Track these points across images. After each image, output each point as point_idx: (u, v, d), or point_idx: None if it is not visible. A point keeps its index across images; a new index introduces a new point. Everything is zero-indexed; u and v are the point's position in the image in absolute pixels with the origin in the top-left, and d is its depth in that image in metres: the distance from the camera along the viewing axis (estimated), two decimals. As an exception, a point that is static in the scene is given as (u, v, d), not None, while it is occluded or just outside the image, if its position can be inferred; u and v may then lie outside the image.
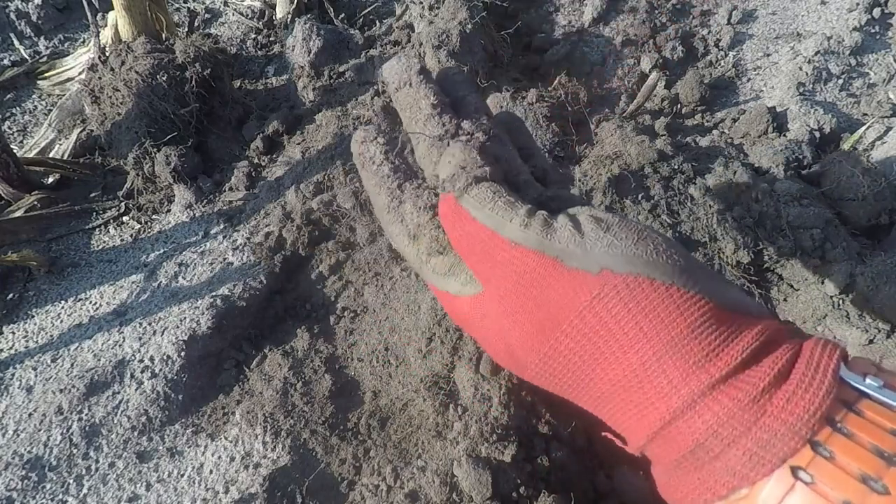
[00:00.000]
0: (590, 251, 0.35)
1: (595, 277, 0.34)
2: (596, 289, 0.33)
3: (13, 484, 0.96)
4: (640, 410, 0.33)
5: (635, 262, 0.34)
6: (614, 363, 0.33)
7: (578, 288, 0.34)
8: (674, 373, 0.31)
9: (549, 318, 0.35)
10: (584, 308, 0.34)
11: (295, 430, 0.97)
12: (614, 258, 0.34)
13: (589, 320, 0.33)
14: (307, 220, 1.24)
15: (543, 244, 0.36)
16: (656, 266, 0.33)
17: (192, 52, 1.43)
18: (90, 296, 1.24)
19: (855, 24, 1.66)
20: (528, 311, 0.36)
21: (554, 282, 0.35)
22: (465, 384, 0.91)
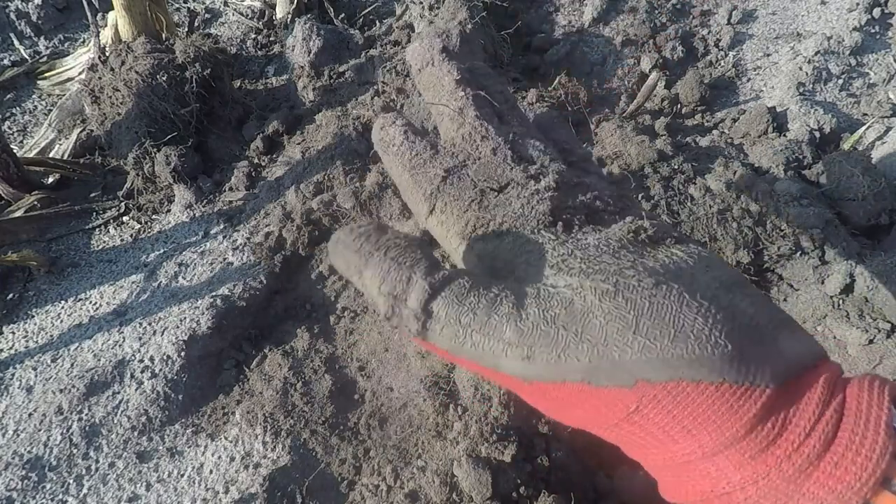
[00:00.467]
0: (619, 361, 0.29)
1: (630, 392, 0.29)
2: (633, 404, 0.29)
3: (13, 484, 0.96)
4: (678, 482, 0.31)
5: (675, 364, 0.29)
6: (655, 455, 0.31)
7: (611, 405, 0.30)
8: (725, 465, 0.29)
9: (582, 424, 0.33)
10: (621, 420, 0.30)
11: (295, 430, 0.97)
12: (650, 365, 0.29)
13: (626, 428, 0.30)
14: (307, 220, 1.24)
15: (561, 370, 0.30)
16: (701, 364, 0.29)
17: (192, 52, 1.43)
18: (90, 296, 1.24)
19: (855, 24, 1.66)
20: (559, 413, 0.33)
21: (583, 403, 0.31)
22: (465, 384, 0.91)
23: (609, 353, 0.29)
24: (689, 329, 0.29)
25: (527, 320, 0.31)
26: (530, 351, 0.30)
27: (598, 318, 0.30)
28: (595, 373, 0.30)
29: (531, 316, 0.31)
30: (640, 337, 0.29)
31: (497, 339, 0.31)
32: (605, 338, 0.30)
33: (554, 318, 0.30)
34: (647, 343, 0.29)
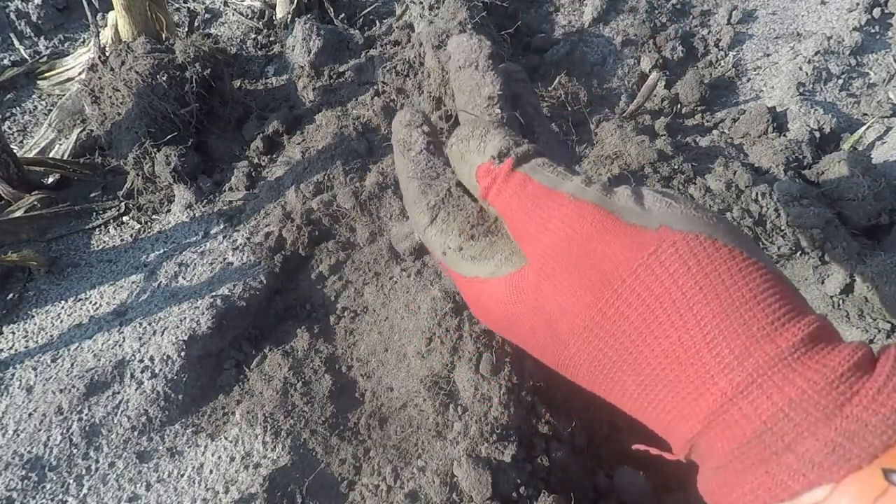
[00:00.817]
0: (648, 210, 0.34)
1: (653, 233, 0.32)
2: (653, 245, 0.31)
3: (13, 484, 0.96)
4: (695, 388, 0.29)
5: (696, 222, 0.32)
6: (669, 329, 0.30)
7: (635, 243, 0.32)
8: (737, 341, 0.28)
9: (601, 276, 0.33)
10: (640, 265, 0.31)
11: (295, 430, 0.97)
12: (674, 216, 0.33)
13: (644, 278, 0.31)
14: (307, 220, 1.24)
15: (603, 200, 0.35)
16: (717, 229, 0.32)
17: (192, 52, 1.43)
18: (90, 296, 1.24)
19: (855, 24, 1.66)
20: (577, 269, 0.34)
21: (610, 236, 0.33)
22: (465, 384, 0.91)
23: (642, 202, 0.35)
24: (708, 211, 0.34)
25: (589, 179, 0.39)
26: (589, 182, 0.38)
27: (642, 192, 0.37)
28: (627, 211, 0.34)
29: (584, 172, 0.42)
30: (668, 199, 0.35)
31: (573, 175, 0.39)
32: (643, 197, 0.36)
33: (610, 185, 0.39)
34: (674, 203, 0.34)
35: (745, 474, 0.27)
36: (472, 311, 0.45)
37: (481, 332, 0.94)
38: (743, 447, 0.27)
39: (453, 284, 1.03)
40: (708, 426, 0.29)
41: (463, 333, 0.94)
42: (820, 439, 0.25)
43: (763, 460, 0.27)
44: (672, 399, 0.31)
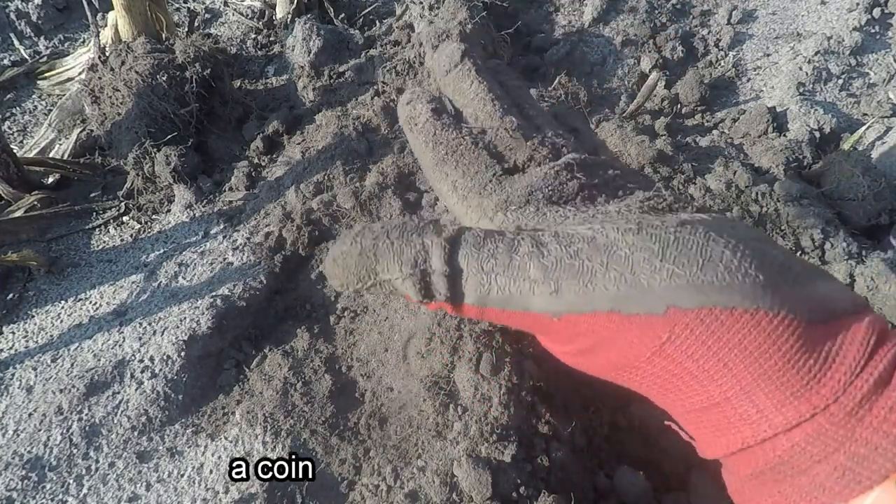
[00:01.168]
0: (649, 288, 0.28)
1: (661, 319, 0.28)
2: (665, 333, 0.28)
3: (13, 484, 0.96)
4: (717, 431, 0.29)
5: (706, 290, 0.28)
6: (691, 395, 0.29)
7: (643, 335, 0.29)
8: (765, 403, 0.27)
9: (612, 367, 0.31)
10: (653, 354, 0.29)
11: (295, 430, 0.97)
12: (680, 291, 0.28)
13: (659, 363, 0.29)
14: (307, 220, 1.24)
15: (589, 300, 0.29)
16: (733, 290, 0.28)
17: (192, 52, 1.43)
18: (90, 296, 1.24)
19: (855, 24, 1.66)
20: (588, 358, 0.32)
21: (613, 335, 0.30)
22: (465, 384, 0.91)
23: (637, 280, 0.29)
24: (717, 259, 0.28)
25: (549, 256, 0.30)
26: (557, 284, 0.30)
27: (622, 250, 0.29)
28: (624, 300, 0.29)
29: (553, 252, 0.30)
30: (667, 264, 0.29)
31: (522, 279, 0.30)
32: (631, 266, 0.29)
33: (577, 252, 0.30)
34: (676, 270, 0.28)
35: (762, 489, 0.28)
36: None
37: (481, 332, 0.94)
38: (757, 472, 0.28)
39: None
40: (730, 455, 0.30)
41: (463, 333, 0.94)
42: (830, 465, 0.26)
43: (778, 481, 0.28)
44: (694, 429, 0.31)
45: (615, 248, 0.29)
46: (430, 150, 0.43)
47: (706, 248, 0.29)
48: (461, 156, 0.41)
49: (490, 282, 0.31)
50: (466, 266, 0.31)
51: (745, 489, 0.30)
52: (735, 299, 0.28)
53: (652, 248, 0.29)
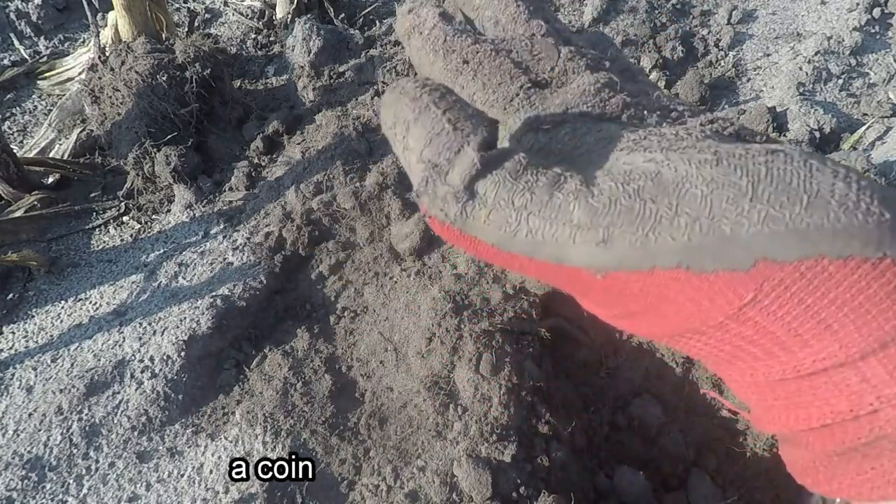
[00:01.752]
0: (731, 237, 0.22)
1: (746, 276, 0.22)
2: (749, 293, 0.22)
3: (13, 484, 0.96)
4: (796, 403, 0.24)
5: (814, 237, 0.22)
6: (771, 364, 0.24)
7: (718, 296, 0.23)
8: (877, 370, 0.22)
9: (669, 332, 0.26)
10: (728, 318, 0.23)
11: (295, 430, 0.97)
12: (776, 239, 0.22)
13: (733, 328, 0.23)
14: (307, 220, 1.24)
15: (649, 253, 0.23)
16: (851, 234, 0.21)
17: (192, 52, 1.43)
18: (90, 296, 1.24)
19: (855, 24, 1.66)
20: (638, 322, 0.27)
21: (676, 298, 0.24)
22: (465, 384, 0.91)
23: (717, 227, 0.22)
24: (827, 194, 0.22)
25: (601, 196, 0.24)
26: (607, 232, 0.24)
27: (697, 188, 0.23)
28: (697, 253, 0.23)
29: (606, 191, 0.24)
30: (759, 204, 0.22)
31: (562, 222, 0.24)
32: (709, 209, 0.23)
33: (637, 191, 0.24)
34: (771, 212, 0.22)
35: (849, 466, 0.24)
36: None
37: (481, 332, 0.94)
38: (846, 448, 0.24)
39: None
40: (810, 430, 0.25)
41: (463, 333, 0.94)
42: None
43: (873, 457, 0.23)
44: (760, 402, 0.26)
45: (688, 186, 0.23)
46: (441, 60, 0.34)
47: (812, 181, 0.22)
48: (480, 64, 0.34)
49: (520, 220, 0.25)
50: (495, 196, 0.25)
51: (823, 466, 0.25)
52: (853, 246, 0.21)
53: (738, 185, 0.23)
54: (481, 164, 0.26)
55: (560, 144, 0.29)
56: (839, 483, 0.24)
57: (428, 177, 0.26)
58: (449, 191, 0.26)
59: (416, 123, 0.27)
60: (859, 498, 0.24)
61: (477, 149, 0.26)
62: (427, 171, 0.26)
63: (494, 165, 0.26)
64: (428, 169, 0.26)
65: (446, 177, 0.26)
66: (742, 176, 0.23)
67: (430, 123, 0.27)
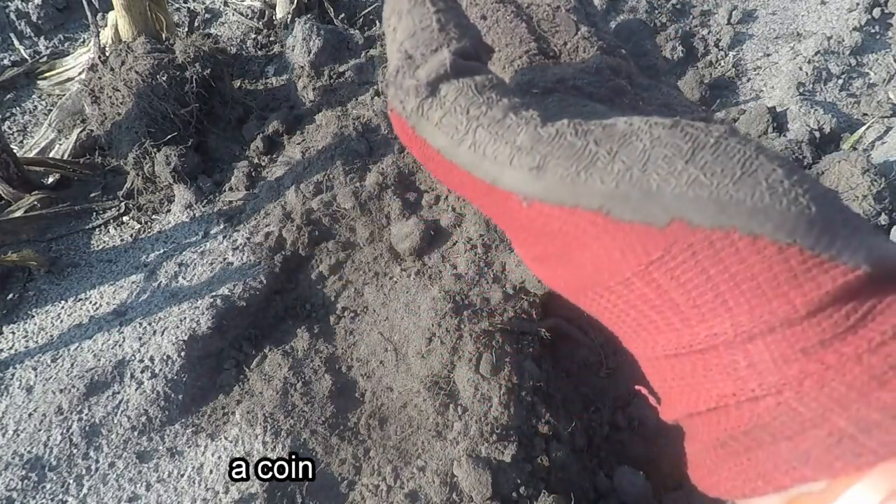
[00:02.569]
0: (656, 192, 0.23)
1: (659, 233, 0.22)
2: (658, 251, 0.22)
3: (13, 484, 0.96)
4: (688, 384, 0.24)
5: (732, 209, 0.22)
6: (668, 334, 0.24)
7: (629, 248, 0.23)
8: (763, 355, 0.22)
9: (579, 283, 0.26)
10: (635, 274, 0.23)
11: (295, 430, 0.97)
12: (696, 203, 0.22)
13: (638, 287, 0.23)
14: (307, 220, 1.24)
15: (576, 191, 0.23)
16: (767, 216, 0.22)
17: (192, 52, 1.43)
18: (90, 296, 1.24)
19: (855, 24, 1.66)
20: (552, 267, 0.27)
21: (591, 241, 0.24)
22: (465, 384, 0.91)
23: (645, 180, 0.23)
24: (762, 176, 0.22)
25: (550, 127, 0.24)
26: (543, 161, 0.24)
27: (642, 140, 0.23)
28: (620, 201, 0.23)
29: (557, 126, 0.24)
30: (692, 168, 0.22)
31: (505, 141, 0.24)
32: (645, 161, 0.23)
33: (585, 132, 0.24)
34: (701, 177, 0.22)
35: (729, 460, 0.24)
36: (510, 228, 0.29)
37: (481, 332, 0.94)
38: (728, 438, 0.23)
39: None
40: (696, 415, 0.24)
41: (463, 333, 0.94)
42: (825, 429, 0.21)
43: (749, 449, 0.23)
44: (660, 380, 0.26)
45: (633, 139, 0.24)
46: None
47: (752, 162, 0.23)
48: (496, 22, 0.34)
49: (468, 130, 0.25)
50: (453, 100, 0.25)
51: (706, 461, 0.24)
52: (766, 227, 0.22)
53: (680, 147, 0.23)
54: (451, 67, 0.25)
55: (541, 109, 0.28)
56: (718, 477, 0.24)
57: (400, 66, 0.26)
58: (413, 84, 0.25)
59: (407, 14, 0.27)
60: (733, 495, 0.23)
61: (453, 53, 0.25)
62: (401, 61, 0.26)
63: (464, 74, 0.25)
64: (402, 59, 0.26)
65: (416, 71, 0.25)
66: (688, 141, 0.23)
67: (420, 17, 0.27)
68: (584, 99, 0.29)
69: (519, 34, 0.33)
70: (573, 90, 0.30)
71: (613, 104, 0.29)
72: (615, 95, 0.30)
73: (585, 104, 0.28)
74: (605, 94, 0.30)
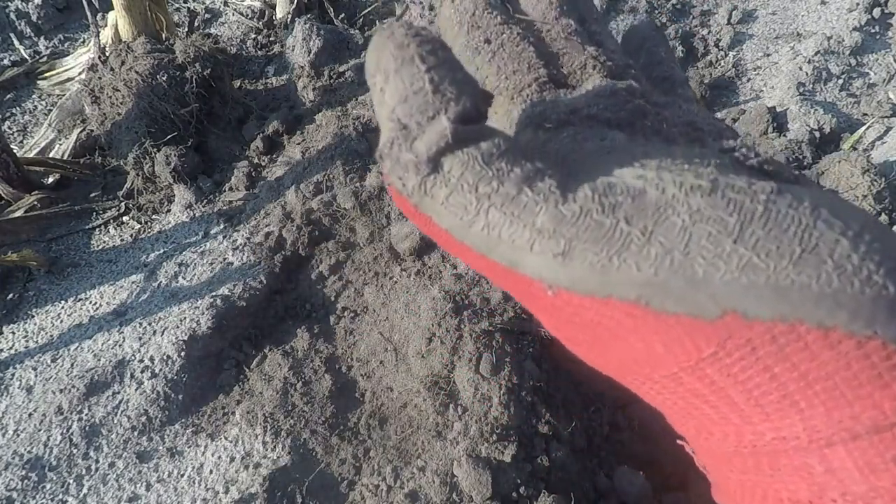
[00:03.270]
0: (703, 280, 0.19)
1: (710, 326, 0.19)
2: (710, 346, 0.19)
3: (13, 484, 0.96)
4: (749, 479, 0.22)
5: (796, 297, 0.19)
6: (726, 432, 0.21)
7: (675, 343, 0.20)
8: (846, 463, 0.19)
9: (618, 369, 0.23)
10: (683, 370, 0.21)
11: (295, 430, 0.97)
12: (752, 292, 0.19)
13: (687, 382, 0.21)
14: (307, 220, 1.24)
15: (608, 280, 0.20)
16: (839, 303, 0.18)
17: (192, 52, 1.43)
18: (90, 296, 1.24)
19: (855, 24, 1.66)
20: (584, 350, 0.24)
21: (629, 335, 0.21)
22: (465, 384, 0.91)
23: (689, 266, 0.19)
24: (825, 251, 0.19)
25: (572, 204, 0.21)
26: (568, 245, 0.21)
27: (680, 215, 0.20)
28: (661, 291, 0.20)
29: (580, 200, 0.21)
30: (742, 248, 0.19)
31: (523, 224, 0.21)
32: (686, 242, 0.20)
33: (614, 207, 0.21)
34: (754, 259, 0.19)
35: None
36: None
37: (481, 332, 0.94)
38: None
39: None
40: None
41: (463, 333, 0.94)
42: None
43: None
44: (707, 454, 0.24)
45: (669, 213, 0.20)
46: (464, 35, 0.32)
47: (812, 232, 0.19)
48: (501, 46, 0.31)
49: (479, 211, 0.22)
50: (459, 176, 0.22)
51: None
52: (839, 317, 0.18)
53: (725, 222, 0.20)
54: (453, 137, 0.22)
55: (558, 146, 0.26)
56: None
57: (394, 138, 0.23)
58: (412, 159, 0.23)
59: (395, 75, 0.24)
60: None
61: (453, 119, 0.23)
62: (395, 132, 0.23)
63: (468, 142, 0.23)
64: (396, 129, 0.23)
65: (413, 143, 0.23)
66: (733, 212, 0.20)
67: (410, 79, 0.23)
68: (602, 127, 0.27)
69: (526, 59, 0.31)
70: (588, 120, 0.28)
71: (634, 128, 0.27)
72: (635, 119, 0.27)
73: (604, 136, 0.26)
74: (625, 118, 0.27)
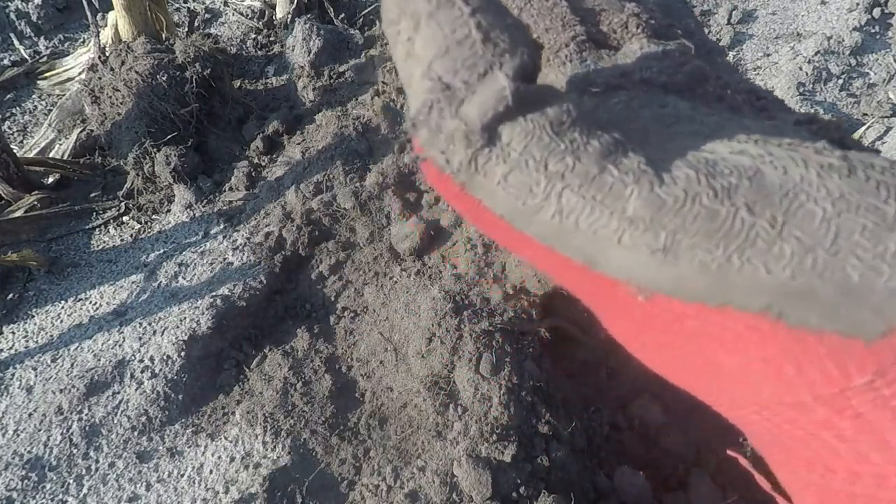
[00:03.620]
0: (858, 287, 0.15)
1: (867, 349, 0.15)
2: (866, 372, 0.15)
3: (13, 484, 0.96)
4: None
5: None
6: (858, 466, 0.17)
7: (815, 365, 0.16)
8: None
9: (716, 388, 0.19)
10: (816, 399, 0.16)
11: (295, 430, 0.97)
12: None
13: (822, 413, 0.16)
14: (307, 220, 1.24)
15: (726, 284, 0.16)
16: None
17: (192, 52, 1.43)
18: (90, 296, 1.24)
19: (855, 24, 1.66)
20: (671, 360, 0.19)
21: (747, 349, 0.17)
22: (465, 384, 0.91)
23: (839, 269, 0.15)
24: None
25: (672, 186, 0.16)
26: (672, 238, 0.16)
27: (819, 205, 0.16)
28: (800, 300, 0.15)
29: (682, 181, 0.17)
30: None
31: (610, 210, 0.17)
32: (833, 237, 0.15)
33: (729, 190, 0.16)
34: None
35: None
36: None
37: (481, 332, 0.94)
38: None
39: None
40: None
41: (463, 333, 0.94)
42: None
43: None
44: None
45: (803, 199, 0.16)
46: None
47: None
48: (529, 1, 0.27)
49: (550, 193, 0.17)
50: (522, 150, 0.17)
51: None
52: None
53: (882, 212, 0.15)
54: (514, 99, 0.17)
55: (608, 114, 0.21)
56: None
57: (434, 101, 0.18)
58: (460, 127, 0.18)
59: (430, 20, 0.18)
60: None
61: (512, 75, 0.18)
62: (434, 93, 0.18)
63: (532, 107, 0.18)
64: (436, 90, 0.18)
65: (460, 107, 0.18)
66: (889, 198, 0.15)
67: (452, 24, 0.18)
68: (659, 93, 0.22)
69: (559, 15, 0.26)
70: (642, 84, 0.23)
71: (694, 94, 0.22)
72: (694, 83, 0.22)
73: (664, 103, 0.21)
74: (683, 82, 0.22)
